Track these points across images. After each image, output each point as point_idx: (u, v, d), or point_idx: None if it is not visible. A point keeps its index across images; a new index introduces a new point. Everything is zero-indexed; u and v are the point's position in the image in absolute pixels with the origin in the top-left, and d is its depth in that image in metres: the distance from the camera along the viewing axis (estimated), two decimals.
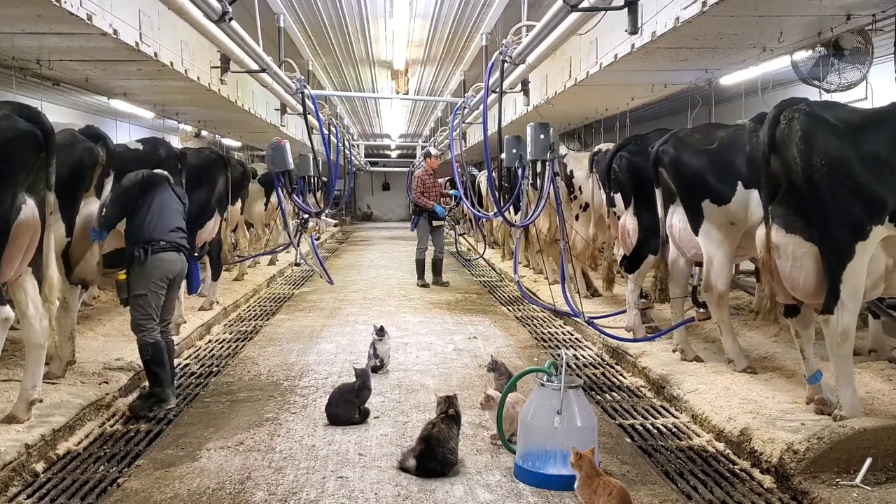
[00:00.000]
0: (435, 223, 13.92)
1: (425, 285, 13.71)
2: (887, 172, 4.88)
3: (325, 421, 5.93)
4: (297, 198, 12.22)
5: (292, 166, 11.50)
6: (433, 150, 15.15)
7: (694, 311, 7.50)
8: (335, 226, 17.60)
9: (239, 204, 13.09)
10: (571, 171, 10.75)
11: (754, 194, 6.11)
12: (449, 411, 5.05)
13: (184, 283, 6.83)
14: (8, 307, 5.22)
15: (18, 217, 5.13)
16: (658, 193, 7.14)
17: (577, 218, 10.56)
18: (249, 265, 14.65)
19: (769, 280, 5.39)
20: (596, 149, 10.15)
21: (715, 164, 6.51)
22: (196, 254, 9.46)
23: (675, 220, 7.11)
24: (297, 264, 12.00)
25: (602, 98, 11.70)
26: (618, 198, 8.66)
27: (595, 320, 8.32)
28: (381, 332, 7.52)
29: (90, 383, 6.35)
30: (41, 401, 5.52)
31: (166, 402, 6.23)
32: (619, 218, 8.71)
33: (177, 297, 6.99)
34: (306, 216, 12.89)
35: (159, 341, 6.26)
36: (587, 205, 10.31)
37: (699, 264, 7.05)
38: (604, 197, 9.36)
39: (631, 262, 8.15)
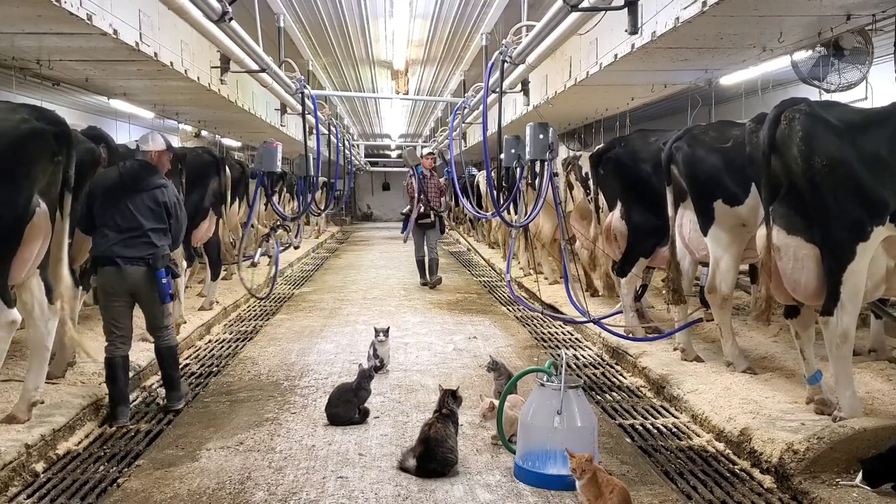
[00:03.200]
0: (420, 222, 13.82)
1: (426, 283, 13.92)
2: (888, 173, 4.88)
3: (325, 421, 5.93)
4: (274, 201, 12.16)
5: (279, 169, 11.33)
6: (426, 150, 15.03)
7: (701, 312, 7.50)
8: (295, 247, 17.09)
9: (237, 204, 13.05)
10: (587, 173, 10.70)
11: None
12: (442, 410, 5.05)
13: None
14: (16, 311, 5.22)
15: (32, 220, 5.14)
16: (668, 192, 6.97)
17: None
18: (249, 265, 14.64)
19: (766, 281, 5.38)
20: (596, 149, 10.13)
21: (729, 163, 6.29)
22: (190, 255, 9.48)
23: (685, 220, 7.00)
24: (253, 265, 11.87)
25: (602, 98, 11.70)
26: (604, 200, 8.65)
27: (600, 320, 8.29)
28: (385, 333, 7.52)
29: (90, 383, 6.35)
30: (43, 402, 5.51)
31: (118, 418, 5.91)
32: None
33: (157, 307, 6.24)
34: (279, 223, 12.84)
35: (115, 357, 5.98)
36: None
37: (705, 264, 7.02)
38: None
39: (622, 266, 8.13)
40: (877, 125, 4.97)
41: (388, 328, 7.63)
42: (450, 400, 5.14)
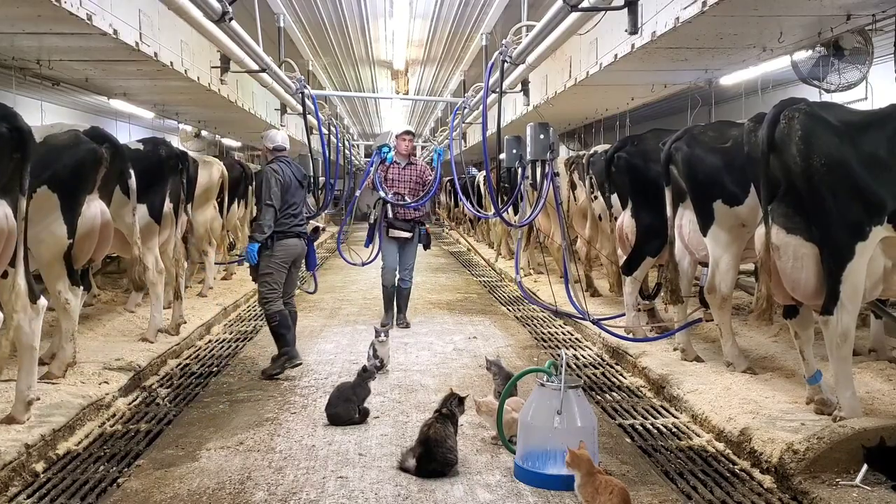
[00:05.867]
0: (394, 234, 9.73)
1: (385, 326, 8.10)
2: (886, 174, 4.88)
3: (325, 421, 5.93)
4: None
5: None
6: (407, 127, 10.75)
7: (701, 312, 7.49)
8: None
9: (236, 204, 13.02)
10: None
11: None
12: (443, 410, 5.05)
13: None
14: None
15: None
16: (667, 192, 6.95)
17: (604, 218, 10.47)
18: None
19: (766, 280, 5.38)
20: (592, 150, 10.15)
21: (729, 163, 6.24)
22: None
23: (685, 220, 6.99)
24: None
25: (602, 98, 11.72)
26: (614, 199, 8.63)
27: (600, 321, 8.28)
28: (385, 333, 7.53)
29: (90, 383, 6.35)
30: (38, 399, 5.51)
31: (295, 358, 7.34)
32: (615, 219, 8.70)
33: (298, 275, 7.98)
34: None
35: (283, 310, 7.42)
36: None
37: (705, 265, 7.01)
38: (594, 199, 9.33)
39: (629, 264, 8.13)
40: (876, 126, 4.98)
41: (388, 328, 7.63)
42: (454, 402, 5.14)
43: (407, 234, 9.70)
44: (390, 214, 9.64)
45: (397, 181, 9.76)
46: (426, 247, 10.06)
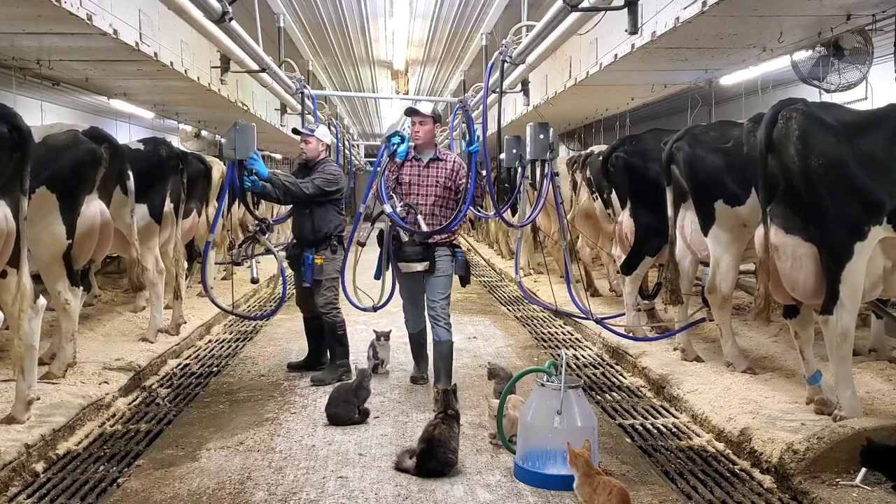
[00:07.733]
0: (403, 268, 6.74)
1: (430, 385, 6.77)
2: (884, 173, 4.89)
3: (325, 421, 5.93)
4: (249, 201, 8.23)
5: (257, 155, 7.51)
6: (423, 108, 6.91)
7: (704, 312, 7.49)
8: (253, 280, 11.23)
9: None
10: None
11: None
12: (448, 411, 5.05)
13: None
14: None
15: None
16: (668, 192, 6.93)
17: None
18: (248, 265, 14.57)
19: (764, 280, 5.38)
20: (589, 150, 10.14)
21: (730, 163, 6.22)
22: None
23: (687, 220, 6.98)
24: (254, 280, 8.40)
25: (602, 98, 11.71)
26: (613, 198, 8.62)
27: (603, 319, 8.25)
28: (385, 336, 7.53)
29: (90, 383, 6.35)
30: (38, 399, 5.51)
31: (350, 371, 7.17)
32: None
33: None
34: (258, 225, 7.79)
35: (345, 320, 7.43)
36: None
37: (707, 264, 7.01)
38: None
39: (628, 264, 8.13)
40: (874, 126, 4.98)
41: (390, 331, 7.64)
42: (454, 401, 5.14)
43: (418, 267, 6.59)
44: (404, 238, 6.60)
45: (414, 185, 6.68)
46: (464, 281, 6.86)
